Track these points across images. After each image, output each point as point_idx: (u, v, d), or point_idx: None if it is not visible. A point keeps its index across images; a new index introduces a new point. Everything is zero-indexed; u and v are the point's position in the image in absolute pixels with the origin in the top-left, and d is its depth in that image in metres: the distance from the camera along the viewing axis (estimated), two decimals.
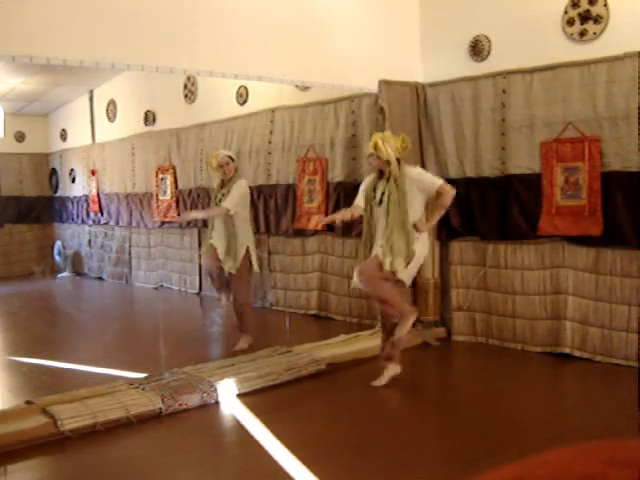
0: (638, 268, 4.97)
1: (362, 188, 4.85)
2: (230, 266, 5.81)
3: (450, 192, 4.57)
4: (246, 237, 5.86)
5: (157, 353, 5.78)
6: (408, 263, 4.58)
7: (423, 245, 4.71)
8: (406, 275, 4.61)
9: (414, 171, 4.67)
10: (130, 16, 4.58)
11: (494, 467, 0.79)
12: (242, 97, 8.20)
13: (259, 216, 7.98)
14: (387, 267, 4.53)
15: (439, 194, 4.57)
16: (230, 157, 5.91)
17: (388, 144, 4.54)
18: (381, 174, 4.67)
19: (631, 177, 4.94)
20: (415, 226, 4.59)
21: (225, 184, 5.87)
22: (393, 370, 4.85)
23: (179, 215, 9.35)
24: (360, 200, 4.81)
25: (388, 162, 4.55)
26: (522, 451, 3.43)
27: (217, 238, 5.86)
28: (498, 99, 5.74)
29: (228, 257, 5.80)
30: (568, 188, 5.29)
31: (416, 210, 4.60)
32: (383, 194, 4.62)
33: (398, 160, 4.59)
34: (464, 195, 5.99)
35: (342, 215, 4.89)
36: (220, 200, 5.81)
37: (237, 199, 5.74)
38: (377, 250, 4.62)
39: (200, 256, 6.61)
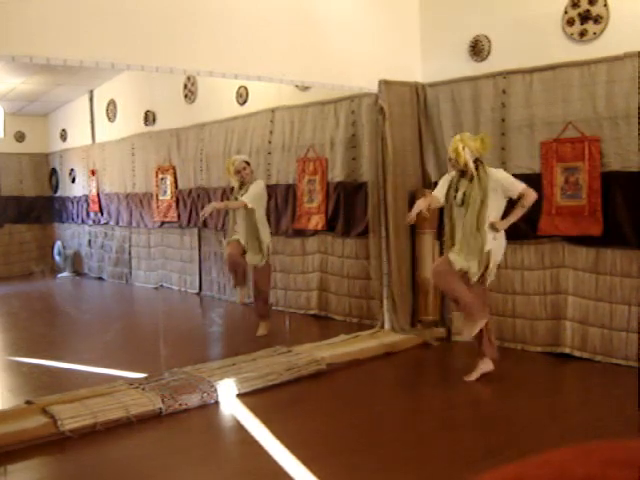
0: (638, 268, 4.97)
1: (442, 183, 4.93)
2: (257, 260, 6.33)
3: (533, 194, 4.65)
4: (267, 235, 6.41)
5: (157, 353, 5.78)
6: (486, 265, 4.67)
7: (499, 245, 4.78)
8: (478, 274, 4.68)
9: (498, 174, 4.73)
10: (130, 16, 4.58)
11: (494, 467, 0.79)
12: (242, 97, 8.20)
13: None
14: (458, 266, 4.64)
15: (521, 195, 4.66)
16: (246, 162, 6.36)
17: (468, 147, 4.63)
18: (462, 173, 4.75)
19: (631, 177, 4.94)
20: (492, 225, 4.67)
21: (244, 186, 6.32)
22: (484, 366, 4.89)
23: (179, 217, 9.35)
24: (439, 192, 4.90)
25: (466, 165, 4.64)
26: (522, 451, 3.43)
27: (241, 234, 6.34)
28: (498, 99, 5.74)
29: (253, 252, 6.31)
30: (568, 188, 5.29)
31: (496, 211, 4.69)
32: (464, 194, 4.71)
33: (479, 160, 4.69)
34: None
35: (423, 204, 4.90)
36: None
37: (254, 195, 6.20)
38: (451, 252, 4.73)
39: (224, 249, 7.02)
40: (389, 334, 6.10)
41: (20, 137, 12.43)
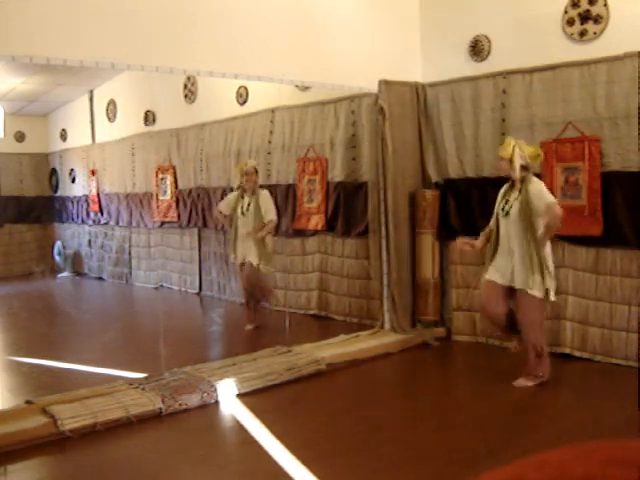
0: (638, 268, 4.97)
1: (498, 199, 4.77)
2: (268, 269, 6.58)
3: (553, 212, 4.40)
4: (272, 241, 6.65)
5: (157, 353, 5.78)
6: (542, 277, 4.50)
7: (549, 256, 4.60)
8: (543, 291, 4.53)
9: (532, 185, 4.53)
10: (130, 16, 4.58)
11: (494, 467, 0.79)
12: (242, 97, 8.20)
13: None
14: (530, 286, 4.47)
15: (546, 212, 4.44)
16: (256, 169, 6.55)
17: (519, 149, 4.52)
18: (513, 184, 4.62)
19: (631, 177, 4.94)
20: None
21: (246, 193, 6.49)
22: (525, 382, 4.76)
23: (179, 217, 9.34)
24: (493, 219, 4.79)
25: (512, 165, 4.49)
26: (522, 451, 3.43)
27: (247, 249, 6.48)
28: (498, 99, 5.74)
29: (265, 262, 6.51)
30: (568, 188, 5.29)
31: (540, 224, 4.50)
32: (511, 205, 4.58)
33: (526, 168, 4.54)
34: (464, 195, 6.00)
35: (477, 244, 4.86)
36: (247, 210, 6.47)
37: (272, 209, 6.52)
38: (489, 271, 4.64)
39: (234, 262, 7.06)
40: (389, 334, 6.10)
41: (20, 137, 12.42)
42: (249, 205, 6.47)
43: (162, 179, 9.64)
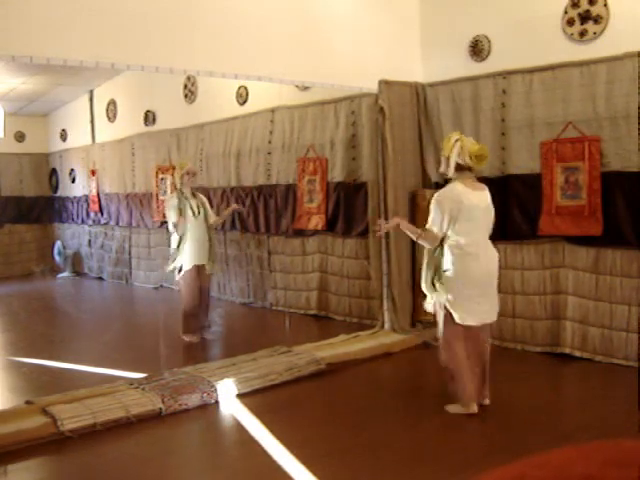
0: (638, 268, 4.97)
1: None
2: (212, 268, 6.51)
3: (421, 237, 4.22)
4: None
5: (157, 353, 5.78)
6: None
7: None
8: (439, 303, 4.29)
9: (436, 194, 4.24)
10: (130, 16, 4.58)
11: (494, 467, 0.79)
12: (242, 97, 8.20)
13: (259, 216, 7.99)
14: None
15: None
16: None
17: (462, 145, 4.06)
18: None
19: (631, 177, 4.94)
20: None
21: (187, 195, 6.34)
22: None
23: None
24: None
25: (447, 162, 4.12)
26: (522, 451, 3.43)
27: (204, 252, 6.39)
28: (498, 99, 5.74)
29: (210, 261, 6.46)
30: (568, 188, 5.29)
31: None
32: None
33: (461, 167, 4.10)
34: None
35: None
36: (199, 213, 6.36)
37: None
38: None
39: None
40: (389, 334, 6.10)
41: (20, 137, 12.43)
42: (199, 207, 6.35)
43: (162, 179, 9.64)
